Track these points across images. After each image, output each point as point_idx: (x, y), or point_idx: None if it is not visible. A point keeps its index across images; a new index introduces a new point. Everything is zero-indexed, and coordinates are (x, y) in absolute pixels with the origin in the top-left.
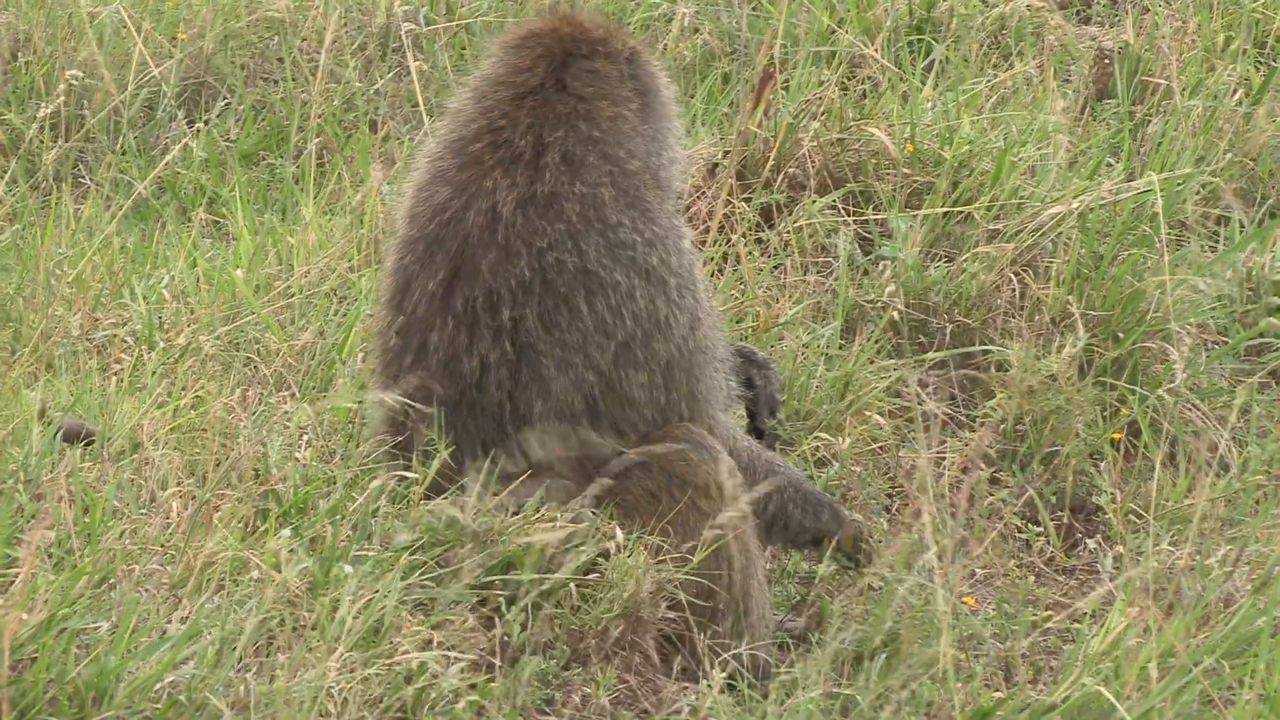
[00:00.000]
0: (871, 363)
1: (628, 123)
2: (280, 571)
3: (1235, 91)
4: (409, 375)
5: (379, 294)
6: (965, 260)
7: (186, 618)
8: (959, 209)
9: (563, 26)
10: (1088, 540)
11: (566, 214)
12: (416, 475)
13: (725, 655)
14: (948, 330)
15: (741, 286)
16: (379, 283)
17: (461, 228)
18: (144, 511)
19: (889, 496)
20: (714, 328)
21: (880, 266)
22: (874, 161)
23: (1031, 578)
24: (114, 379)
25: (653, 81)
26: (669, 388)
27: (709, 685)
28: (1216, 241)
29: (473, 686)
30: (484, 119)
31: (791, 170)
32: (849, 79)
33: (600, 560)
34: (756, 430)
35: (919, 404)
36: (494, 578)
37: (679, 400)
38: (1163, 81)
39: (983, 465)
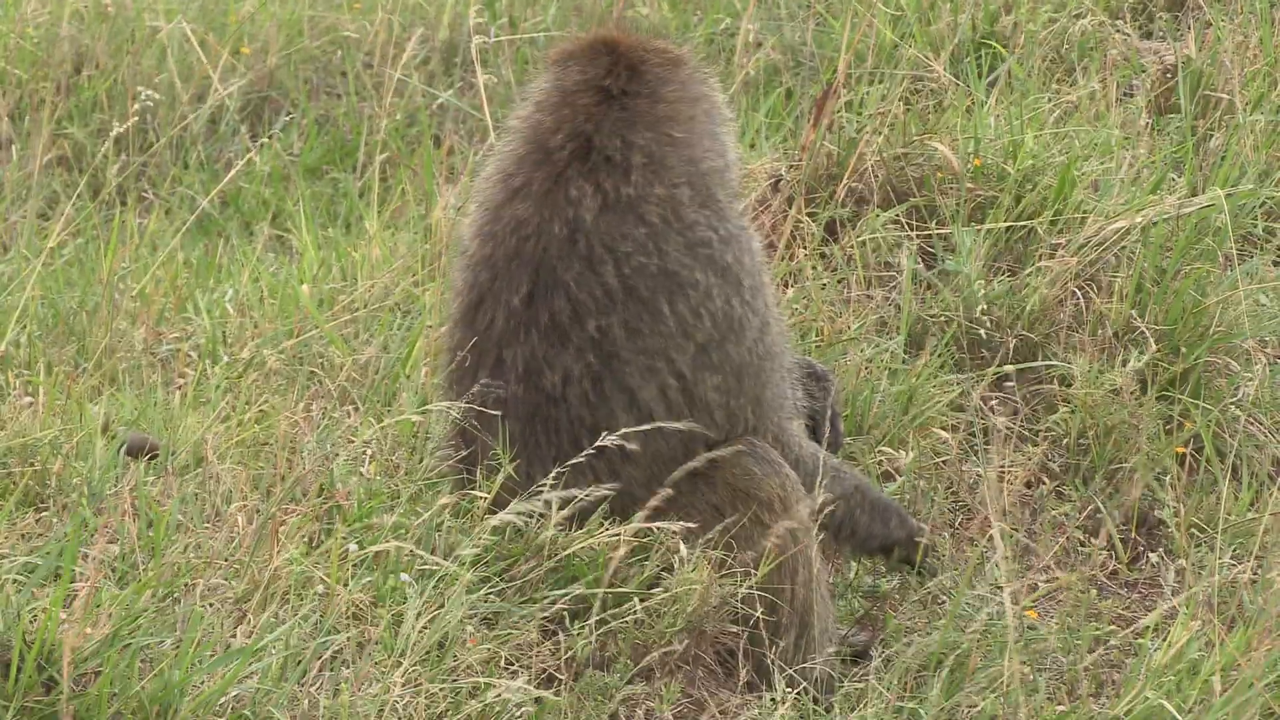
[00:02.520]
0: (935, 377)
1: (700, 124)
2: (344, 586)
3: None
4: (480, 388)
5: (449, 312)
6: (1028, 275)
7: (251, 632)
8: (1022, 224)
9: (624, 38)
10: (1150, 554)
11: (648, 218)
12: (481, 491)
13: (789, 670)
14: (1011, 345)
15: (806, 302)
16: (450, 300)
17: (542, 241)
18: (208, 526)
19: (952, 511)
20: (781, 335)
21: (943, 280)
22: (938, 176)
23: (1094, 591)
24: (178, 393)
25: (708, 85)
26: (737, 392)
27: (773, 699)
28: None
29: (537, 701)
30: (567, 126)
31: (855, 185)
32: (912, 94)
33: (664, 574)
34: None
35: (982, 418)
36: (558, 592)
37: (745, 405)
38: (1225, 96)
39: (1045, 479)
